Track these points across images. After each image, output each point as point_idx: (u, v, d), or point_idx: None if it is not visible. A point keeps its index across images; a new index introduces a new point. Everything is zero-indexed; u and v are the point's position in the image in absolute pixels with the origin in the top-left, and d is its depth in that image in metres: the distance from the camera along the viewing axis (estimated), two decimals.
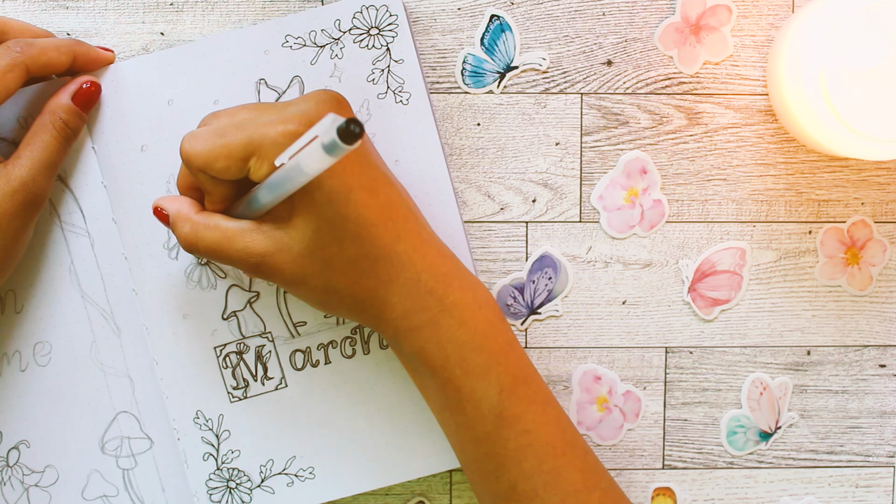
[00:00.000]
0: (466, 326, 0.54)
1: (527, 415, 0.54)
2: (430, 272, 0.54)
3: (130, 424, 0.61)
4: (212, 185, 0.54)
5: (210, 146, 0.52)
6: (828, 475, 0.64)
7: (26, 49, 0.56)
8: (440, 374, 0.54)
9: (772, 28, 0.62)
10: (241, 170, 0.52)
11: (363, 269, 0.53)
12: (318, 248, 0.52)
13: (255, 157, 0.52)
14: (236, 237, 0.54)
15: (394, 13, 0.59)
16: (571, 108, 0.62)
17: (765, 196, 0.63)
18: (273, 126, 0.51)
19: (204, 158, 0.52)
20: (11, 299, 0.61)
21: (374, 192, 0.53)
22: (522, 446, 0.54)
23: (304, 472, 0.61)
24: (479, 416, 0.54)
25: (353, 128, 0.43)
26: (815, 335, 0.63)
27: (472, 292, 0.55)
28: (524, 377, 0.55)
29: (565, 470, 0.54)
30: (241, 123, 0.53)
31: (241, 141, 0.52)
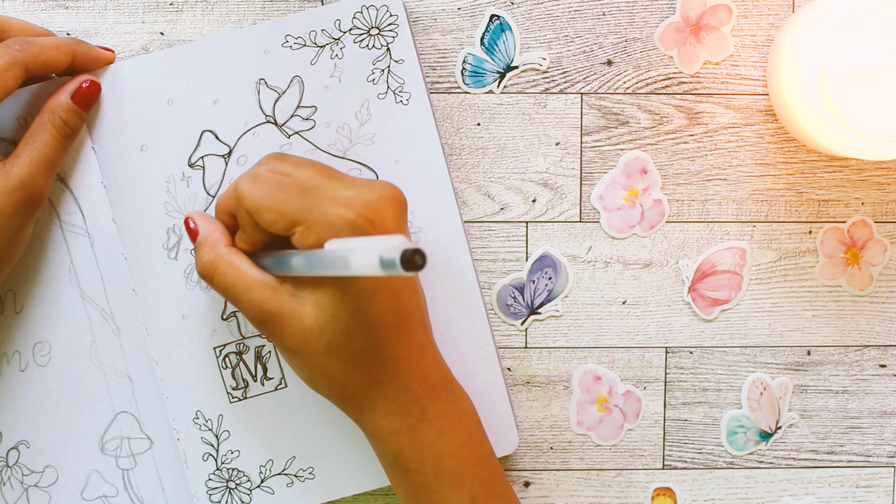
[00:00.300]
0: (446, 437, 0.54)
1: None
2: (420, 381, 0.54)
3: (130, 424, 0.61)
4: (251, 229, 0.54)
5: (267, 196, 0.52)
6: (828, 475, 0.64)
7: (26, 48, 0.56)
8: (414, 478, 0.54)
9: (772, 28, 0.62)
10: (286, 230, 0.52)
11: (361, 365, 0.53)
12: (327, 331, 0.52)
13: (305, 226, 0.51)
14: (254, 287, 0.54)
15: (394, 13, 0.59)
16: (571, 108, 0.62)
17: (765, 196, 0.63)
18: (334, 206, 0.51)
19: (256, 204, 0.53)
20: (11, 299, 0.61)
21: (398, 298, 0.53)
22: None
23: (303, 472, 0.61)
24: None
25: (418, 260, 0.43)
26: (815, 335, 0.63)
27: (456, 404, 0.55)
28: (497, 490, 0.55)
29: None
30: (304, 186, 0.52)
31: (298, 206, 0.52)
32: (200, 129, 0.60)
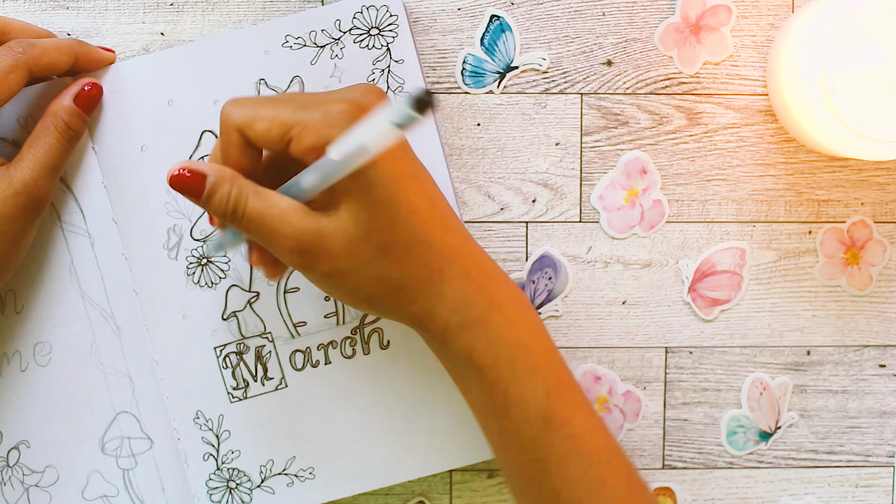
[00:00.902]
0: (515, 326, 0.53)
1: (573, 419, 0.53)
2: (476, 268, 0.53)
3: (130, 424, 0.61)
4: (239, 152, 0.51)
5: (255, 106, 0.51)
6: (828, 475, 0.64)
7: (28, 50, 0.56)
8: (488, 374, 0.53)
9: (772, 28, 0.62)
10: (281, 138, 0.50)
11: (417, 255, 0.51)
12: (372, 232, 0.50)
13: (301, 126, 0.49)
14: (289, 213, 0.50)
15: (394, 13, 0.59)
16: (571, 108, 0.62)
17: (765, 196, 0.63)
18: (322, 104, 0.50)
19: (244, 117, 0.50)
20: (11, 299, 0.61)
21: (422, 183, 0.52)
22: (568, 452, 0.53)
23: (304, 472, 0.61)
24: (525, 419, 0.53)
25: (427, 97, 0.42)
26: (815, 335, 0.63)
27: (516, 293, 0.54)
28: (567, 382, 0.54)
29: (610, 478, 0.53)
30: (291, 98, 0.51)
31: (289, 108, 0.50)
32: (200, 129, 0.60)
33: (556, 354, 0.54)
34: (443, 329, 0.53)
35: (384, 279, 0.51)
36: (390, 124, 0.44)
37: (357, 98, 0.51)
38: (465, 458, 0.61)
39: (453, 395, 0.61)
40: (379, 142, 0.45)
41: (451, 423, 0.61)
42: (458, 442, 0.61)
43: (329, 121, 0.49)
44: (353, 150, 0.47)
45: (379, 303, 0.53)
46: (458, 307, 0.52)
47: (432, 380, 0.61)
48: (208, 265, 0.61)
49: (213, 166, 0.51)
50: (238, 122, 0.51)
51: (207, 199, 0.51)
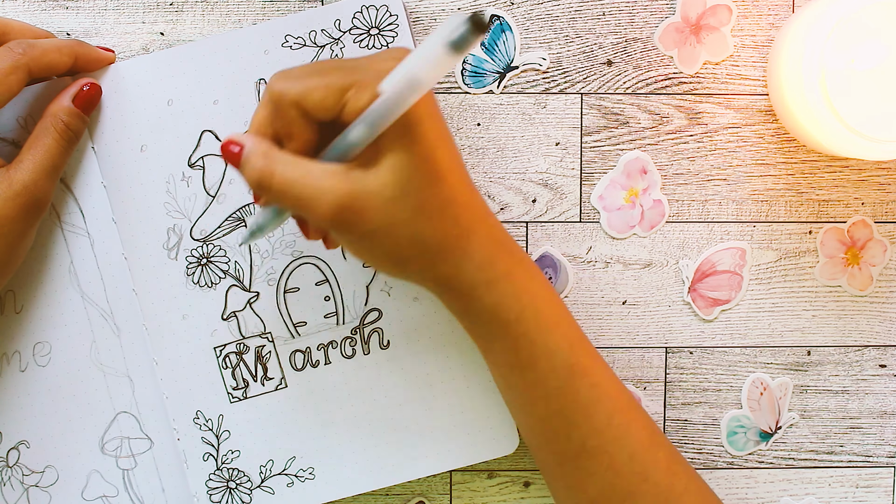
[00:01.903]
0: (536, 279, 0.54)
1: (595, 368, 0.55)
2: (498, 228, 0.54)
3: (130, 425, 0.61)
4: (299, 127, 0.51)
5: (306, 78, 0.50)
6: (828, 475, 0.64)
7: (28, 50, 0.56)
8: (514, 328, 0.54)
9: (772, 28, 0.62)
10: (337, 103, 0.49)
11: (450, 215, 0.52)
12: (412, 189, 0.50)
13: (357, 88, 0.49)
14: (323, 176, 0.50)
15: (394, 13, 0.59)
16: (571, 108, 0.62)
17: (765, 196, 0.63)
18: (375, 62, 0.50)
19: (300, 90, 0.50)
20: (11, 299, 0.61)
21: (452, 144, 0.52)
22: (593, 400, 0.54)
23: (303, 472, 0.61)
24: (551, 369, 0.54)
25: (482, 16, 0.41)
26: (815, 335, 0.63)
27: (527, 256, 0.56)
28: (583, 334, 0.56)
29: (633, 426, 0.54)
30: (338, 64, 0.51)
31: (341, 73, 0.50)
32: (200, 129, 0.60)
33: (567, 309, 0.56)
34: (469, 287, 0.53)
35: (418, 239, 0.51)
36: (444, 47, 0.42)
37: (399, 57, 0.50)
38: (465, 458, 0.61)
39: (453, 395, 0.61)
40: (433, 70, 0.44)
41: (451, 423, 0.61)
42: (458, 442, 0.61)
43: (381, 74, 0.49)
44: (405, 84, 0.46)
45: (409, 263, 0.53)
46: (485, 264, 0.53)
47: (432, 380, 0.61)
48: (208, 265, 0.61)
49: (251, 138, 0.51)
50: (294, 96, 0.50)
51: (242, 170, 0.51)
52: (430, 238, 0.51)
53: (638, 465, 0.54)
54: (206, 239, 0.60)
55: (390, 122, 0.48)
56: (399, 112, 0.48)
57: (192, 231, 0.60)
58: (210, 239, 0.60)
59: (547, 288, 0.55)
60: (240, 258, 0.61)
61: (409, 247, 0.51)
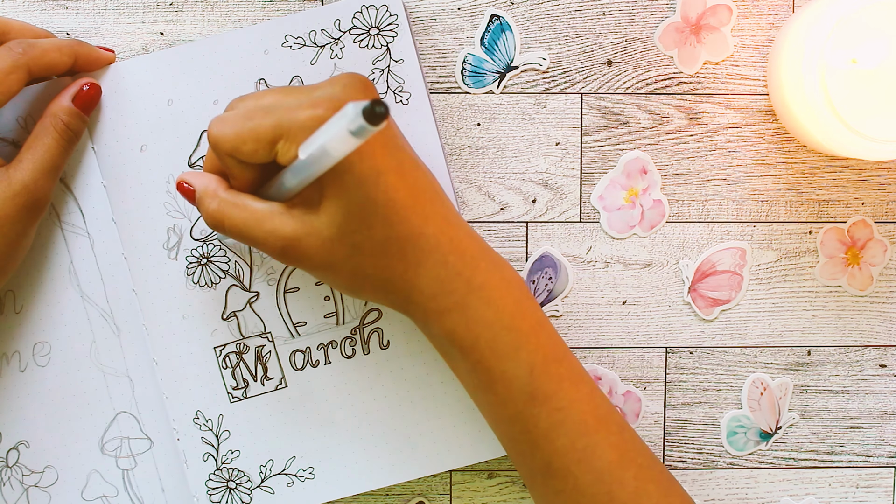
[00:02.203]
0: (494, 307, 0.54)
1: (559, 393, 0.54)
2: (457, 254, 0.54)
3: (130, 425, 0.61)
4: (239, 170, 0.54)
5: (238, 130, 0.52)
6: (828, 475, 0.64)
7: (28, 50, 0.56)
8: (470, 356, 0.54)
9: (772, 28, 0.62)
10: (269, 153, 0.52)
11: (392, 252, 0.53)
12: (347, 232, 0.52)
13: (284, 140, 0.51)
14: (265, 219, 0.53)
15: (394, 13, 0.59)
16: (571, 108, 0.62)
17: (765, 196, 0.62)
18: (301, 110, 0.51)
19: (232, 142, 0.52)
20: (11, 299, 0.61)
21: (403, 175, 0.53)
22: (555, 424, 0.54)
23: (303, 472, 0.61)
24: (510, 396, 0.54)
25: (378, 109, 0.43)
26: (815, 335, 0.63)
27: (499, 272, 0.55)
28: (555, 355, 0.55)
29: (599, 447, 0.54)
30: (269, 107, 0.52)
31: (270, 125, 0.51)
32: (200, 129, 0.60)
33: (542, 328, 0.55)
34: (422, 316, 0.54)
35: (361, 274, 0.53)
36: (347, 132, 0.45)
37: (337, 96, 0.52)
38: (465, 458, 0.61)
39: (453, 395, 0.61)
40: (339, 147, 0.46)
41: (451, 423, 0.61)
42: (458, 442, 0.61)
43: (307, 132, 0.51)
44: (318, 154, 0.48)
45: (361, 293, 0.55)
46: (435, 295, 0.54)
47: (432, 380, 0.61)
48: (208, 265, 0.61)
49: (200, 181, 0.56)
50: (226, 148, 0.53)
51: (198, 208, 0.56)
52: (371, 274, 0.53)
53: (604, 485, 0.54)
54: (206, 239, 0.60)
55: (316, 176, 0.50)
56: (320, 171, 0.50)
57: (193, 231, 0.60)
58: (210, 239, 0.60)
59: (512, 312, 0.54)
60: (240, 258, 0.61)
61: (354, 280, 0.54)
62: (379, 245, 0.53)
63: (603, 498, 0.54)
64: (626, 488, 0.54)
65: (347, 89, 0.52)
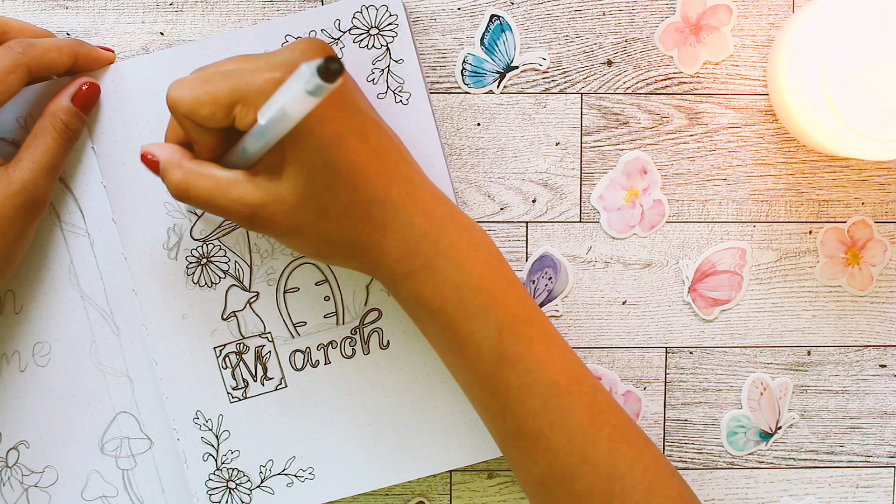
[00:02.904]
0: (462, 268, 0.54)
1: (529, 354, 0.54)
2: (423, 216, 0.54)
3: (130, 424, 0.61)
4: (198, 134, 0.53)
5: (195, 93, 0.52)
6: (828, 475, 0.64)
7: (28, 50, 0.56)
8: (438, 317, 0.54)
9: (772, 28, 0.62)
10: (226, 117, 0.52)
11: (357, 214, 0.53)
12: (311, 196, 0.52)
13: (241, 104, 0.51)
14: (230, 187, 0.53)
15: (394, 13, 0.59)
16: (571, 108, 0.62)
17: (765, 196, 0.63)
18: (259, 73, 0.51)
19: (189, 104, 0.52)
20: (10, 299, 0.61)
21: (365, 137, 0.53)
22: (525, 385, 0.54)
23: (303, 472, 0.61)
24: (479, 357, 0.54)
25: (333, 66, 0.43)
26: (815, 335, 0.63)
27: (467, 234, 0.55)
28: (525, 317, 0.55)
29: (571, 408, 0.54)
30: (228, 71, 0.52)
31: (227, 88, 0.51)
32: None
33: (512, 289, 0.55)
34: (389, 278, 0.54)
35: (327, 239, 0.53)
36: (304, 92, 0.44)
37: (295, 60, 0.51)
38: (465, 458, 0.61)
39: (453, 395, 0.61)
40: (298, 108, 0.46)
41: (451, 423, 0.61)
42: (458, 442, 0.61)
43: (265, 96, 0.50)
44: (277, 116, 0.48)
45: (330, 257, 0.55)
46: (402, 257, 0.54)
47: (432, 380, 0.61)
48: (208, 265, 0.61)
49: (164, 151, 0.55)
50: (183, 111, 0.52)
51: (163, 180, 0.55)
52: (338, 238, 0.53)
53: (577, 447, 0.53)
54: (206, 239, 0.60)
55: (277, 140, 0.50)
56: (280, 134, 0.49)
57: (193, 231, 0.60)
58: (210, 239, 0.60)
59: (479, 273, 0.54)
60: (240, 258, 0.61)
61: (322, 245, 0.54)
62: (343, 208, 0.52)
63: (576, 459, 0.53)
64: (599, 449, 0.54)
65: (306, 53, 0.52)
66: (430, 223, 0.54)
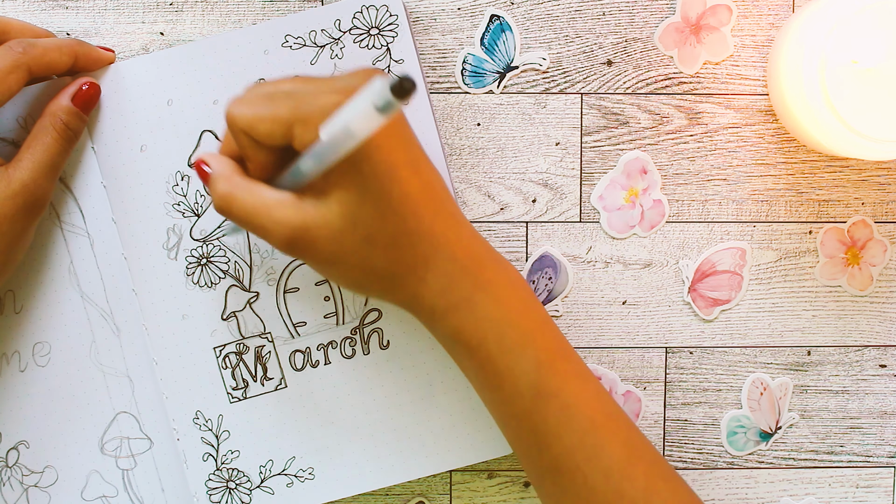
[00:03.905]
0: (501, 304, 0.54)
1: (565, 390, 0.54)
2: (465, 252, 0.54)
3: (130, 425, 0.61)
4: (254, 151, 0.53)
5: (256, 109, 0.52)
6: (828, 475, 0.64)
7: (29, 50, 0.56)
8: (477, 353, 0.54)
9: (772, 28, 0.62)
10: (284, 136, 0.51)
11: (402, 245, 0.52)
12: (359, 223, 0.51)
13: (301, 124, 0.50)
14: (274, 207, 0.52)
15: (394, 13, 0.59)
16: (571, 108, 0.62)
17: (765, 196, 0.63)
18: (322, 95, 0.51)
19: (248, 120, 0.52)
20: (10, 299, 0.61)
21: (417, 170, 0.53)
22: (562, 421, 0.54)
23: (303, 472, 0.61)
24: (517, 392, 0.54)
25: (406, 84, 0.43)
26: (815, 335, 0.63)
27: (504, 272, 0.55)
28: (561, 353, 0.55)
29: (608, 444, 0.54)
30: (291, 93, 0.52)
31: (289, 107, 0.51)
32: (200, 129, 0.60)
33: (548, 327, 0.55)
34: (429, 313, 0.54)
35: (370, 268, 0.53)
36: (372, 108, 0.44)
37: (357, 86, 0.51)
38: (465, 458, 0.61)
39: (453, 395, 0.61)
40: (364, 126, 0.46)
41: (451, 423, 0.61)
42: (458, 442, 0.61)
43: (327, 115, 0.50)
44: (341, 133, 0.47)
45: (368, 288, 0.54)
46: (443, 291, 0.53)
47: (432, 380, 0.61)
48: (208, 265, 0.61)
49: (217, 163, 0.54)
50: (242, 125, 0.52)
51: (209, 190, 0.54)
52: (382, 268, 0.53)
53: (613, 483, 0.53)
54: (206, 239, 0.60)
55: (335, 162, 0.49)
56: (340, 155, 0.49)
57: (192, 231, 0.60)
58: (210, 239, 0.60)
59: (518, 309, 0.54)
60: (240, 258, 0.61)
61: (363, 275, 0.53)
62: (390, 238, 0.52)
63: (613, 496, 0.53)
64: (636, 485, 0.54)
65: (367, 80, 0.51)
66: (471, 258, 0.54)
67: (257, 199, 0.53)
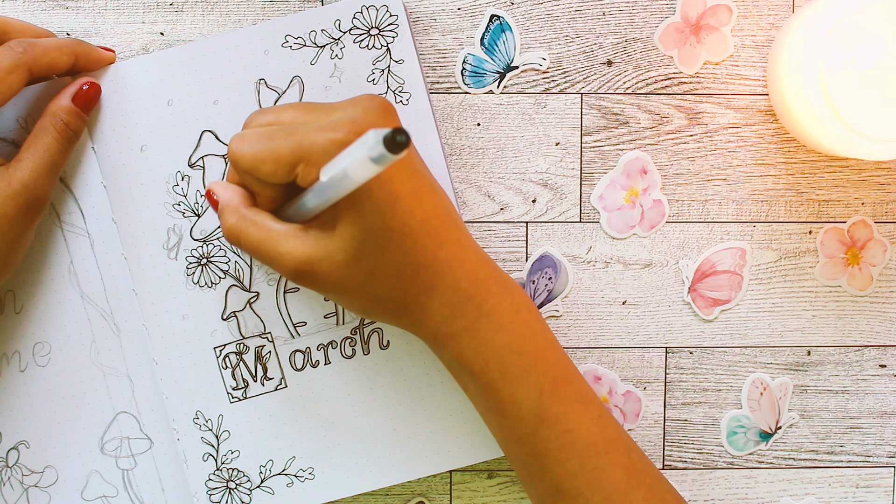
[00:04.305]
0: (504, 331, 0.54)
1: (567, 415, 0.55)
2: (469, 279, 0.54)
3: (130, 425, 0.61)
4: (259, 187, 0.54)
5: (258, 149, 0.52)
6: (828, 475, 0.64)
7: (29, 49, 0.56)
8: (480, 378, 0.55)
9: (772, 28, 0.62)
10: (288, 174, 0.52)
11: (406, 276, 0.53)
12: (362, 256, 0.52)
13: (303, 163, 0.51)
14: (281, 239, 0.53)
15: (394, 13, 0.59)
16: (571, 108, 0.62)
17: (765, 196, 0.63)
18: (322, 133, 0.51)
19: (251, 161, 0.53)
20: (11, 299, 0.61)
21: (420, 200, 0.53)
22: (564, 446, 0.54)
23: (303, 472, 0.61)
24: (519, 418, 0.55)
25: (399, 138, 0.43)
26: (815, 335, 0.63)
27: (509, 296, 0.55)
28: (564, 378, 0.55)
29: (608, 468, 0.54)
30: (290, 128, 0.52)
31: (290, 146, 0.52)
32: (200, 129, 0.60)
33: (552, 351, 0.56)
34: (432, 339, 0.55)
35: (374, 297, 0.54)
36: (367, 159, 0.45)
37: (357, 119, 0.51)
38: (465, 458, 0.61)
39: (453, 395, 0.61)
40: (360, 173, 0.47)
41: (451, 423, 0.61)
42: (458, 442, 0.61)
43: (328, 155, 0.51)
44: (340, 177, 0.48)
45: (373, 314, 0.56)
46: (446, 319, 0.54)
47: (432, 380, 0.61)
48: (208, 265, 0.61)
49: (226, 192, 0.55)
50: (245, 166, 0.53)
51: (219, 219, 0.56)
52: (385, 297, 0.54)
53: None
54: (206, 239, 0.60)
55: (336, 199, 0.50)
56: (340, 195, 0.50)
57: (192, 231, 0.60)
58: (210, 239, 0.60)
59: (522, 335, 0.55)
60: (240, 258, 0.61)
61: (368, 303, 0.54)
62: (393, 269, 0.53)
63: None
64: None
65: (368, 113, 0.52)
66: (475, 285, 0.54)
67: (263, 232, 0.54)
